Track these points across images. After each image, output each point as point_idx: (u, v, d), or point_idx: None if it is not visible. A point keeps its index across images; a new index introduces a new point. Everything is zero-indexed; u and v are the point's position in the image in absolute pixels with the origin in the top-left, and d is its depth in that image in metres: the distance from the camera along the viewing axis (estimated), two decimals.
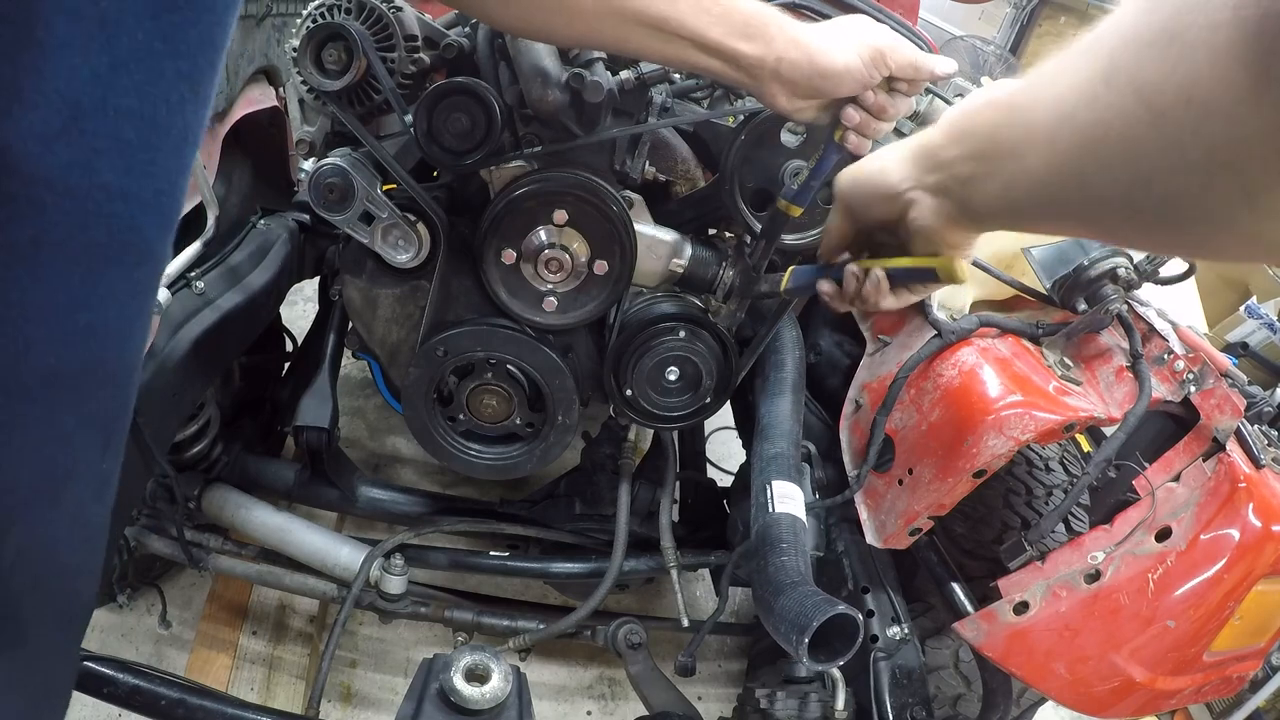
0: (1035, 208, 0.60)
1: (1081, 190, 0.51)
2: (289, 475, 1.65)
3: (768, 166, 1.21)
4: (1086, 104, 0.47)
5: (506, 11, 0.82)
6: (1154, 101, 0.42)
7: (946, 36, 4.90)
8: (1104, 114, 0.46)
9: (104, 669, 1.02)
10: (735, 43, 0.83)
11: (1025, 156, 0.56)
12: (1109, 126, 0.46)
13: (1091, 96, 0.47)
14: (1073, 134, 0.49)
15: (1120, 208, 0.49)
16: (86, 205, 0.48)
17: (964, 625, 1.20)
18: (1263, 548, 1.01)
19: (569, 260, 1.21)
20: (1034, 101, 0.55)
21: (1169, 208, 0.45)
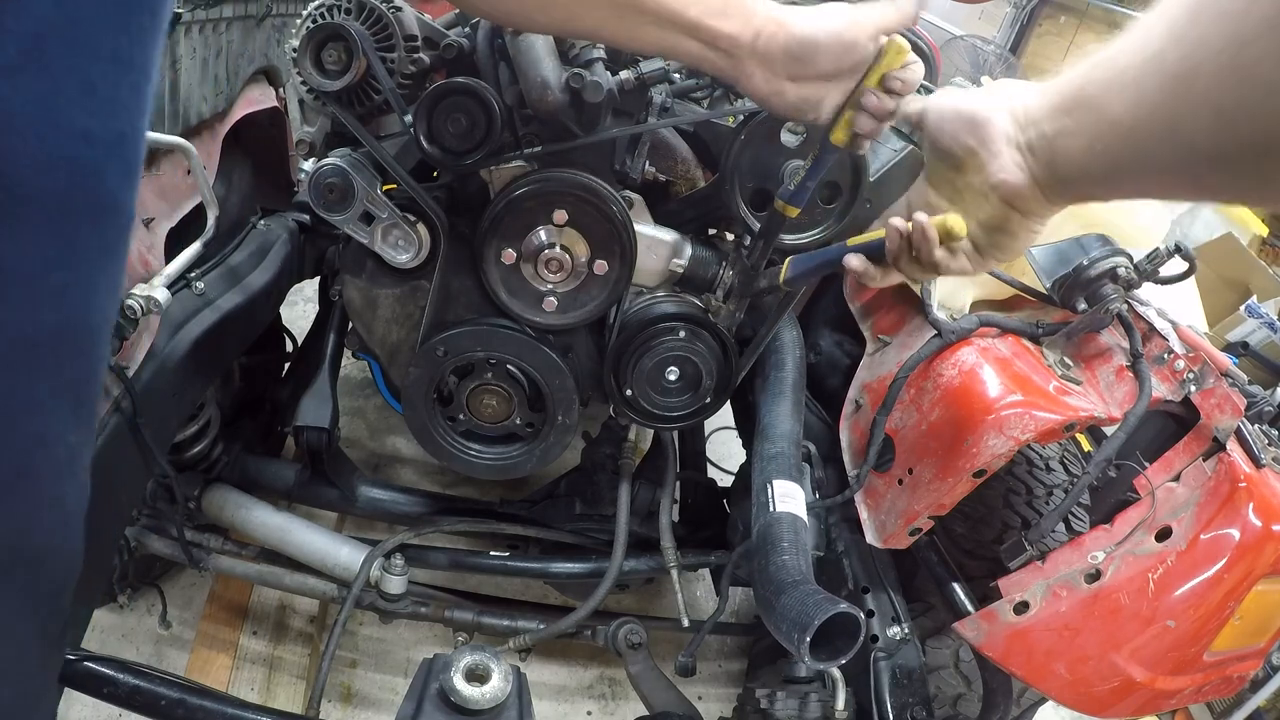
0: (1122, 162, 0.56)
1: (1170, 138, 0.48)
2: (289, 475, 1.66)
3: (768, 166, 1.21)
4: (1174, 43, 0.45)
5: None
6: (1239, 31, 0.39)
7: (946, 36, 4.91)
8: (1191, 50, 0.43)
9: (104, 669, 1.02)
10: (713, 20, 0.78)
11: (1111, 106, 0.54)
12: (1197, 64, 0.43)
13: (1179, 35, 0.44)
14: (1159, 77, 0.47)
15: (1209, 154, 0.46)
16: (48, 147, 0.46)
17: (964, 625, 1.20)
18: (1263, 547, 1.01)
19: (569, 260, 1.21)
20: (1120, 49, 0.53)
21: (1257, 151, 0.42)
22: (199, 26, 1.21)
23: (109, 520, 1.31)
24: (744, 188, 1.23)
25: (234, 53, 1.37)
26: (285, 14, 1.55)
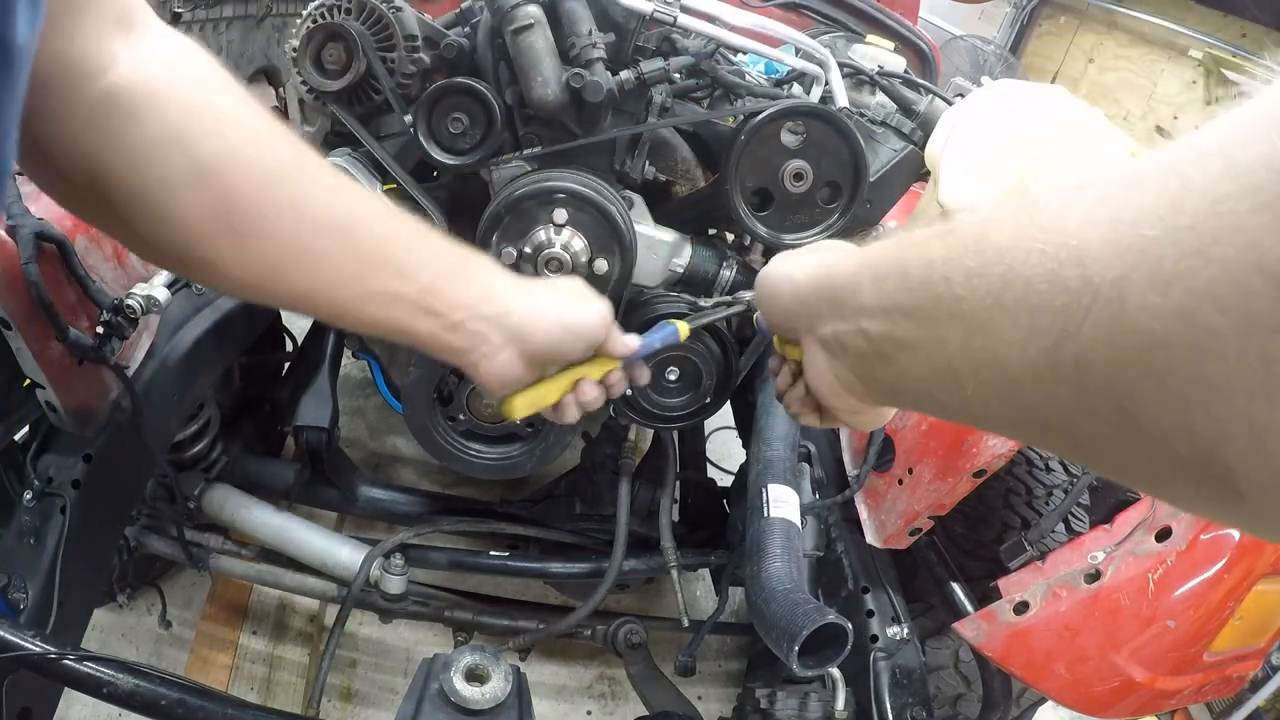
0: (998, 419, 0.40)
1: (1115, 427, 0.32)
2: (289, 475, 1.66)
3: (767, 166, 1.21)
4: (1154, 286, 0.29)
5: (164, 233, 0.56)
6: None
7: (946, 36, 4.91)
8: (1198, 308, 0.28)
9: (104, 669, 1.02)
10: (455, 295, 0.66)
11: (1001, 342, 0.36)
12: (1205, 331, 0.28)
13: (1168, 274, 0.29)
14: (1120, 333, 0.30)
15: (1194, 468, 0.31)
16: None
17: (964, 625, 1.20)
18: (1263, 548, 1.01)
19: (569, 260, 1.21)
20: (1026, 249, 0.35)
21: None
22: (199, 26, 1.21)
23: (109, 520, 1.32)
24: (744, 188, 1.23)
25: (234, 53, 1.37)
26: (285, 14, 1.55)
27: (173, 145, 0.53)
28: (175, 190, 0.54)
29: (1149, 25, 4.98)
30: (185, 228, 0.55)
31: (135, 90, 0.51)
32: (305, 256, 0.59)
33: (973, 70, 4.80)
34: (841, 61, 1.48)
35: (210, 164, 0.55)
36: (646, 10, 1.17)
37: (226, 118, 0.56)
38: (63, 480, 1.18)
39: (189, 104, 0.54)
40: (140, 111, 0.52)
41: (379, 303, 0.62)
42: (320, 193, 0.60)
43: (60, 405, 1.10)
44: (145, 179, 0.53)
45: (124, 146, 0.52)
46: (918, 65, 2.19)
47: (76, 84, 0.49)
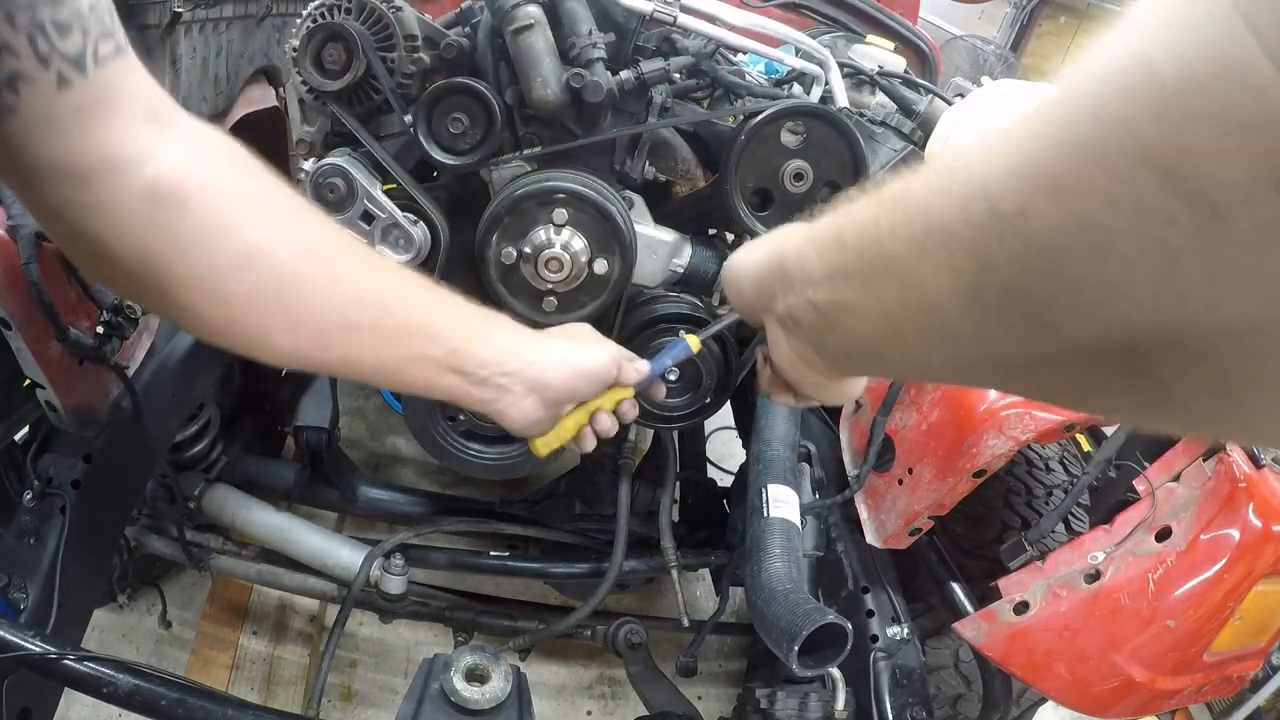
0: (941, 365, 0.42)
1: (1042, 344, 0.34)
2: (289, 475, 1.66)
3: (767, 166, 1.21)
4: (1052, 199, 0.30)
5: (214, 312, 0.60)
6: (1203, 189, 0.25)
7: (946, 36, 4.91)
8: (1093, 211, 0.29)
9: (104, 669, 1.02)
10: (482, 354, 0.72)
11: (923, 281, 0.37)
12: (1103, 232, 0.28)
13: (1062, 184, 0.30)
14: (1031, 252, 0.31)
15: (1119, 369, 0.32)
16: None
17: (964, 625, 1.20)
18: (1263, 548, 1.01)
19: (569, 260, 1.20)
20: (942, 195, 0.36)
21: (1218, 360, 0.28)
22: (199, 26, 1.21)
23: (109, 520, 1.32)
24: (744, 188, 1.23)
25: (234, 53, 1.37)
26: (285, 14, 1.55)
27: (220, 231, 0.57)
28: (226, 272, 0.58)
29: None
30: (238, 306, 0.60)
31: (179, 181, 0.55)
32: (346, 326, 0.65)
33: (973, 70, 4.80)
34: (841, 61, 1.48)
35: (256, 246, 0.59)
36: (646, 10, 1.17)
37: (265, 202, 0.61)
38: (63, 480, 1.18)
39: (231, 191, 0.59)
40: (187, 200, 0.56)
41: (413, 365, 0.69)
42: (355, 266, 0.66)
43: (60, 405, 1.10)
44: (197, 264, 0.57)
45: (174, 234, 0.56)
46: (918, 65, 2.19)
47: (120, 177, 0.53)
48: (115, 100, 0.52)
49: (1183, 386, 0.28)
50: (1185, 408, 0.29)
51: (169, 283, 0.57)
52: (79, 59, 0.49)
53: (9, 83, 0.47)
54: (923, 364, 0.43)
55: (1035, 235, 0.30)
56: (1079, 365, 0.32)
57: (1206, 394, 0.28)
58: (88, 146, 0.51)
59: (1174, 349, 0.27)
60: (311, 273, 0.62)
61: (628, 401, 0.86)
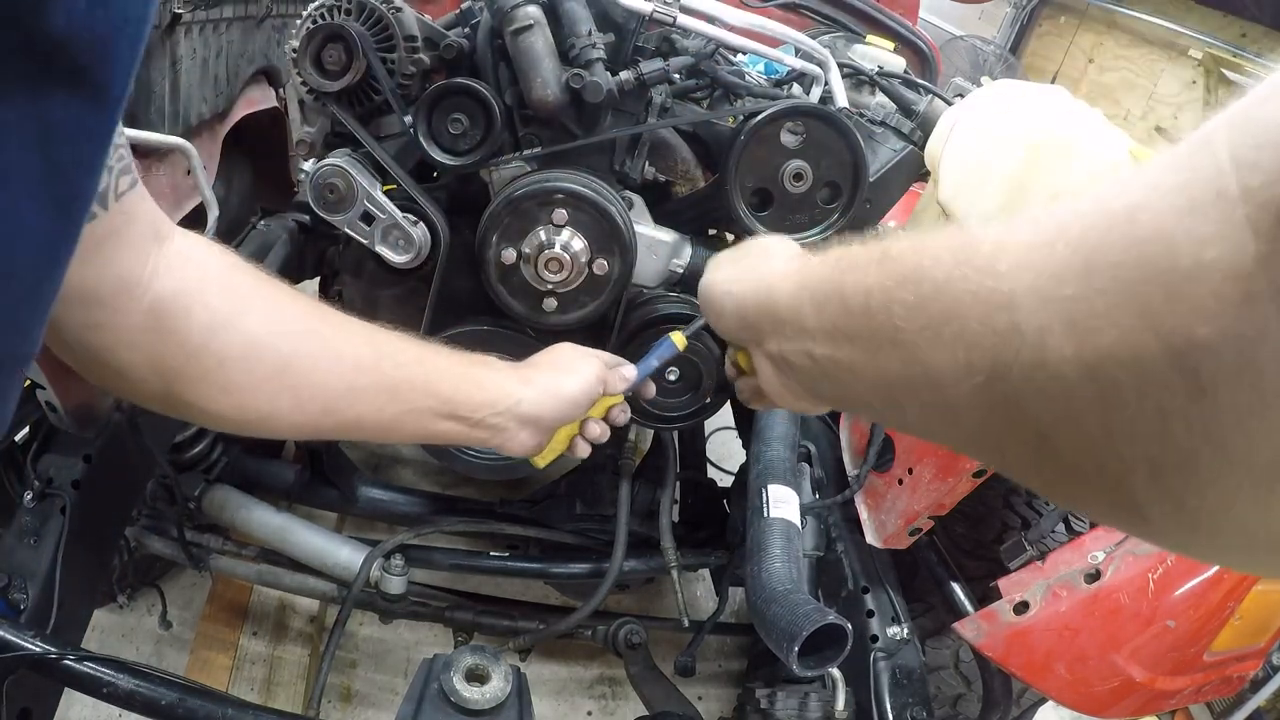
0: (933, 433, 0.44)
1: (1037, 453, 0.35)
2: (289, 475, 1.66)
3: (767, 166, 1.21)
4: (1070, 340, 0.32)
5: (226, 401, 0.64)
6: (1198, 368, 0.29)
7: (946, 36, 4.91)
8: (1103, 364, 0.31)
9: (104, 669, 1.02)
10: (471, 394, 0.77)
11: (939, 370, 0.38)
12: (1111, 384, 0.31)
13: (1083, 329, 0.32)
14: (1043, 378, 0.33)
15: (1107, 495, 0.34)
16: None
17: (964, 625, 1.20)
18: None
19: (569, 260, 1.20)
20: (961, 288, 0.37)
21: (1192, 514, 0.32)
22: (199, 26, 1.21)
23: (109, 520, 1.32)
24: (744, 188, 1.23)
25: (234, 53, 1.37)
26: (285, 14, 1.55)
27: (221, 329, 0.61)
28: (233, 365, 0.62)
29: (1149, 25, 4.98)
30: (248, 394, 0.64)
31: (179, 290, 0.59)
32: (349, 394, 0.69)
33: (973, 70, 4.80)
34: (841, 61, 1.48)
35: (257, 335, 0.64)
36: (646, 10, 1.17)
37: (258, 295, 0.65)
38: (63, 480, 1.18)
39: (226, 290, 0.63)
40: (189, 307, 0.60)
41: (411, 417, 0.74)
42: (350, 338, 0.71)
43: (60, 405, 1.10)
44: (204, 362, 0.61)
45: (181, 339, 0.60)
46: (918, 65, 2.19)
47: (129, 296, 0.56)
48: (128, 227, 0.54)
49: (1159, 517, 0.31)
50: (1161, 534, 0.33)
51: (181, 384, 0.61)
52: (103, 196, 0.51)
53: None
54: (918, 429, 0.44)
55: (1051, 366, 0.32)
56: (1071, 479, 0.35)
57: (1178, 529, 0.31)
58: (104, 272, 0.54)
59: (1156, 490, 0.30)
60: (311, 350, 0.67)
61: (617, 407, 0.91)
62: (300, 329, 0.67)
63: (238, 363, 0.63)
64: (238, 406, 0.64)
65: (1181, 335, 0.27)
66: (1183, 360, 0.27)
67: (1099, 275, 0.30)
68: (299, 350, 0.66)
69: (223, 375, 0.62)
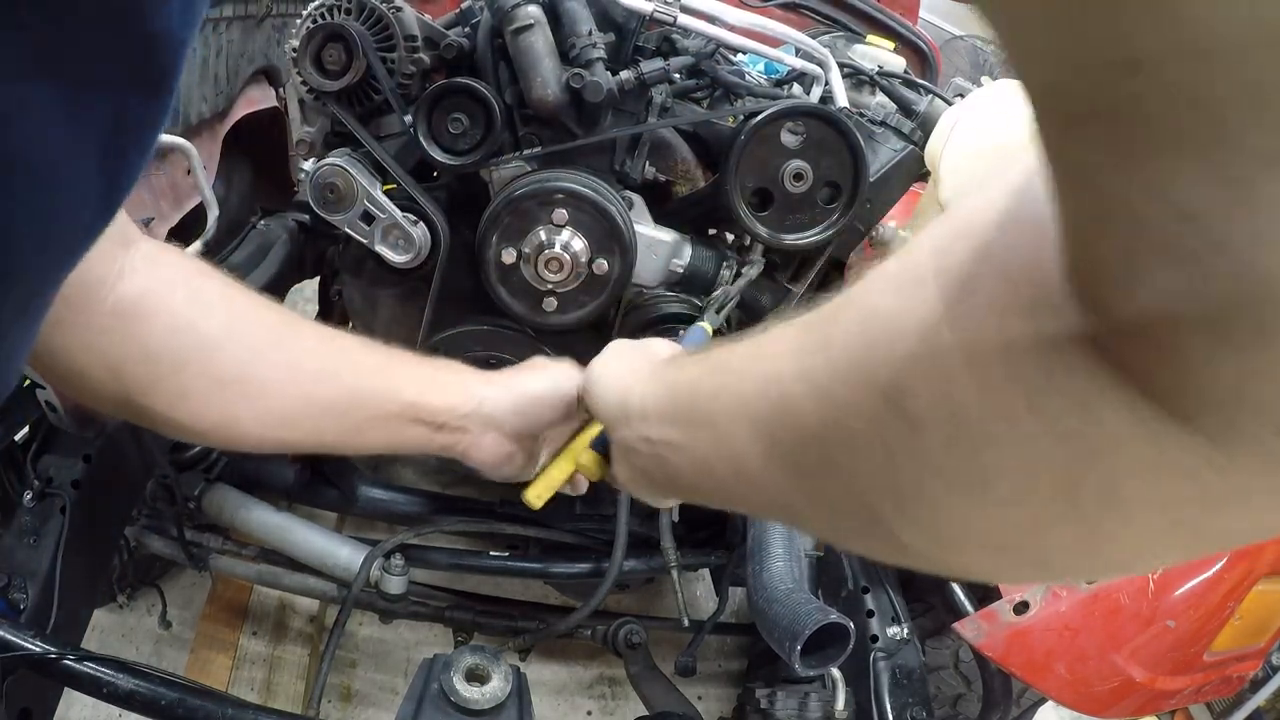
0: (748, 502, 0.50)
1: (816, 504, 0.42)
2: (289, 475, 1.65)
3: (768, 166, 1.21)
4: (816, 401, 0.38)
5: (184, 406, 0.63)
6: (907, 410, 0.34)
7: (946, 36, 4.90)
8: (842, 416, 0.37)
9: (104, 669, 1.02)
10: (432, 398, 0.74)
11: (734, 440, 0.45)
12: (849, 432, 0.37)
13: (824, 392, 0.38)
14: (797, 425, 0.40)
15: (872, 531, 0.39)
16: None
17: (964, 625, 1.20)
18: (1262, 548, 1.01)
19: (569, 260, 1.21)
20: (748, 365, 0.45)
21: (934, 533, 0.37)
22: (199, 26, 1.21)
23: (109, 520, 1.32)
24: (744, 188, 1.23)
25: (234, 53, 1.37)
26: (285, 14, 1.55)
27: (180, 331, 0.61)
28: (190, 368, 0.62)
29: None
30: (205, 401, 0.63)
31: (143, 293, 0.58)
32: (310, 405, 0.68)
33: (973, 70, 4.79)
34: (841, 61, 1.48)
35: (218, 339, 0.63)
36: (646, 10, 1.17)
37: (221, 301, 0.65)
38: (63, 480, 1.18)
39: (189, 296, 0.62)
40: (153, 309, 0.59)
41: (375, 426, 0.72)
42: (311, 346, 0.70)
43: (60, 405, 1.10)
44: (159, 367, 0.61)
45: (141, 342, 0.59)
46: (918, 65, 2.19)
47: (92, 296, 0.56)
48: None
49: (912, 541, 0.37)
50: (918, 555, 0.38)
51: (138, 389, 0.61)
52: None
53: None
54: (736, 499, 0.51)
55: (806, 424, 0.39)
56: (841, 520, 0.42)
57: (929, 549, 0.37)
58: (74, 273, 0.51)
59: (903, 518, 0.36)
60: (273, 359, 0.66)
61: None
62: (261, 336, 0.66)
63: (194, 367, 0.62)
64: (194, 414, 0.63)
65: (894, 384, 0.33)
66: (897, 404, 0.33)
67: (834, 347, 0.38)
68: (258, 358, 0.65)
69: (179, 381, 0.61)
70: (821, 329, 0.40)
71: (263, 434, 0.67)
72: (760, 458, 0.43)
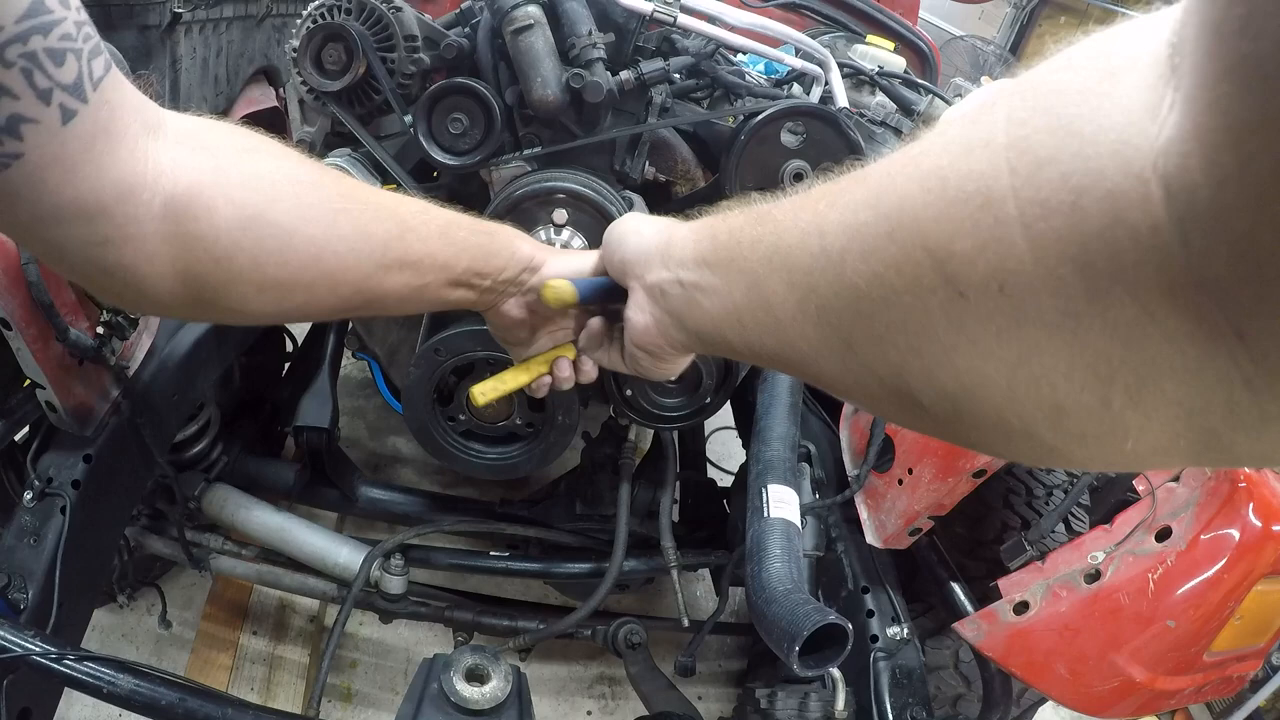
0: (777, 358, 0.49)
1: (840, 356, 0.43)
2: (289, 475, 1.66)
3: (767, 166, 1.21)
4: (862, 255, 0.39)
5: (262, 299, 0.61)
6: (956, 275, 0.33)
7: (946, 36, 4.91)
8: (886, 272, 0.37)
9: (104, 669, 1.02)
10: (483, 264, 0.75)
11: (769, 289, 0.46)
12: (891, 288, 0.37)
13: (870, 247, 0.38)
14: (834, 278, 0.40)
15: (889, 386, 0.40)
16: None
17: (964, 625, 1.20)
18: (1263, 548, 1.01)
19: None
20: (790, 216, 0.46)
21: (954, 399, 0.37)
22: (199, 26, 1.21)
23: (109, 520, 1.32)
24: (744, 187, 1.23)
25: (234, 53, 1.37)
26: (285, 14, 1.55)
27: (249, 224, 0.56)
28: (269, 259, 0.58)
29: None
30: (286, 289, 0.61)
31: (194, 187, 0.53)
32: (378, 273, 0.66)
33: (973, 70, 4.80)
34: (841, 61, 1.48)
35: (288, 226, 0.59)
36: (646, 10, 1.17)
37: (280, 178, 0.59)
38: (63, 480, 1.18)
39: (245, 179, 0.57)
40: (208, 204, 0.54)
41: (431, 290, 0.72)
42: (378, 214, 0.67)
43: (60, 405, 1.10)
44: (235, 264, 0.57)
45: (208, 243, 0.55)
46: (918, 65, 2.19)
47: (135, 201, 0.50)
48: (116, 121, 0.49)
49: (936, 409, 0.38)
50: (936, 422, 0.39)
51: (212, 289, 0.57)
52: (78, 86, 0.45)
53: (10, 127, 0.43)
54: (755, 349, 0.52)
55: (847, 276, 0.40)
56: (866, 379, 0.42)
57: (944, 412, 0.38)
58: (102, 179, 0.48)
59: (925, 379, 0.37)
60: (344, 233, 0.63)
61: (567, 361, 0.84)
62: (329, 214, 0.63)
63: (273, 257, 0.58)
64: (275, 301, 0.61)
65: (945, 249, 0.33)
66: (945, 268, 0.34)
67: (886, 203, 0.37)
68: (331, 234, 0.62)
69: (258, 274, 0.58)
70: (873, 184, 0.39)
71: (336, 305, 0.67)
72: (794, 307, 0.44)
